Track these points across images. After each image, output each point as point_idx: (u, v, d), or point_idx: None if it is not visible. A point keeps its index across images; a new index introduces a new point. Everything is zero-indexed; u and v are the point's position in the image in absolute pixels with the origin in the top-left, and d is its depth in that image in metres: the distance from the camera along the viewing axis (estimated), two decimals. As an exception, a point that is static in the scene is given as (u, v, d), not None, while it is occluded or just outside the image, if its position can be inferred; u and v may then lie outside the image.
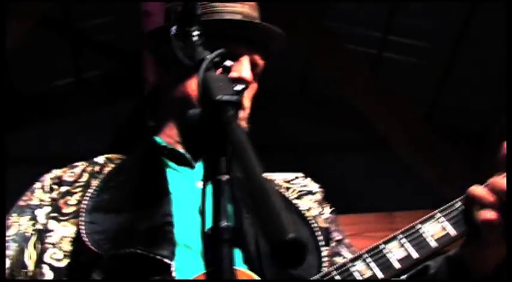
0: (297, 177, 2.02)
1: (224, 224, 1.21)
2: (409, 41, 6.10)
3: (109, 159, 1.91)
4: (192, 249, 1.71)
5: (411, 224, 1.62)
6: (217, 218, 1.22)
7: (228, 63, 1.43)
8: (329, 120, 6.50)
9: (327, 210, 1.97)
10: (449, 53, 6.04)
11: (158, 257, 1.65)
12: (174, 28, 1.55)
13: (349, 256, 1.76)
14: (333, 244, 1.89)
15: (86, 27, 6.00)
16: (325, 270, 1.70)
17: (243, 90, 1.37)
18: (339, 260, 1.83)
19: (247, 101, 1.88)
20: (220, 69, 1.41)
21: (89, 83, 6.39)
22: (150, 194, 1.78)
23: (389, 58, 6.19)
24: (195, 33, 1.51)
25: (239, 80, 1.77)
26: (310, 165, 6.17)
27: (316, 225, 1.85)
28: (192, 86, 1.82)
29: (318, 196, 1.98)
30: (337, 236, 1.93)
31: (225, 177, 1.24)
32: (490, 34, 5.76)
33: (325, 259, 1.79)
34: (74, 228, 1.73)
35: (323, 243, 1.83)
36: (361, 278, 1.59)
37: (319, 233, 1.84)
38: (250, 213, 1.76)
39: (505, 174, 1.57)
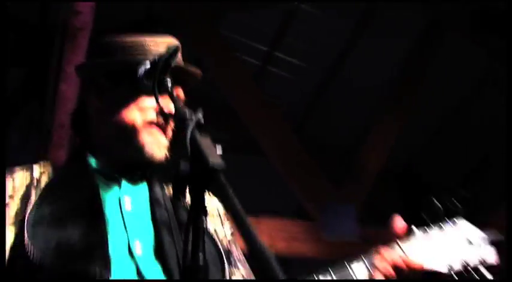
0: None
1: (201, 256, 1.48)
2: (291, 59, 6.47)
3: (44, 167, 2.04)
4: (123, 263, 1.87)
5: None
6: (197, 252, 1.48)
7: (200, 116, 1.67)
8: (206, 119, 6.66)
9: (227, 227, 2.17)
10: (326, 75, 6.54)
11: (97, 272, 1.80)
12: (144, 69, 1.81)
13: (245, 271, 2.09)
14: (233, 262, 2.10)
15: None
16: None
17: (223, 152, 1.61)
18: (238, 274, 2.09)
19: (169, 131, 2.06)
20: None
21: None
22: (86, 212, 1.91)
23: (272, 72, 6.56)
24: (169, 80, 1.77)
25: (167, 114, 1.97)
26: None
27: (221, 246, 2.05)
28: (130, 115, 1.99)
29: (222, 215, 2.18)
30: (236, 255, 2.13)
31: (204, 219, 1.51)
32: (368, 62, 6.31)
33: (227, 275, 2.02)
34: (13, 236, 1.85)
35: (225, 262, 2.03)
36: None
37: (224, 253, 2.04)
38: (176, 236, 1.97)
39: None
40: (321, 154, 6.17)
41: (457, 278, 1.97)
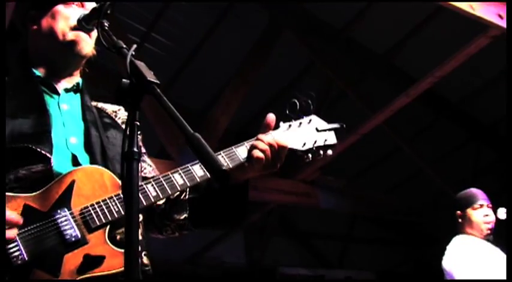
0: (120, 109, 2.35)
1: (135, 149, 1.59)
2: (163, 39, 7.39)
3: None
4: (61, 150, 2.04)
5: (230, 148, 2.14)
6: (132, 144, 1.60)
7: (134, 47, 1.77)
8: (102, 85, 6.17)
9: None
10: (189, 55, 7.49)
11: (43, 152, 1.96)
12: (83, 15, 2.09)
13: (151, 163, 2.32)
14: (142, 155, 2.32)
15: None
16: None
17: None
18: (144, 165, 2.31)
19: (94, 34, 2.22)
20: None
21: None
22: (34, 109, 2.07)
23: (148, 48, 7.42)
24: (106, 24, 1.94)
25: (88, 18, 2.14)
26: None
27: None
28: (58, 25, 2.17)
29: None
30: (143, 150, 2.34)
31: (138, 122, 1.63)
32: (224, 45, 7.20)
33: (141, 166, 2.20)
34: None
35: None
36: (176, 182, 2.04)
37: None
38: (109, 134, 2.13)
39: (269, 132, 2.15)
40: (183, 111, 6.50)
41: (310, 155, 2.29)
